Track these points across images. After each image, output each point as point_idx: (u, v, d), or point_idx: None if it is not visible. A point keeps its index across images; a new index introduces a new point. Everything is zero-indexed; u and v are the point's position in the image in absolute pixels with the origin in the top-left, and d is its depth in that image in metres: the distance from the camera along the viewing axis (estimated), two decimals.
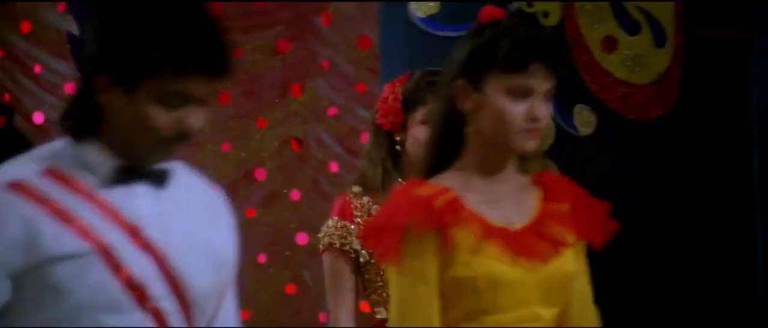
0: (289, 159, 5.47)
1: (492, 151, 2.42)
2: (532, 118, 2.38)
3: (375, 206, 3.09)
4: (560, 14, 4.06)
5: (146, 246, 2.06)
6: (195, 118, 2.05)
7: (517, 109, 2.37)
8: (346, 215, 3.14)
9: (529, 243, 2.38)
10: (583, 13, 4.06)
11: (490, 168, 2.42)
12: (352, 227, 3.11)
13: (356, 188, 3.15)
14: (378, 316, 3.16)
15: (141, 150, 2.07)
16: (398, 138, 3.12)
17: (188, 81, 2.04)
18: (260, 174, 5.41)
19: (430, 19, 4.12)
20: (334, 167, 5.45)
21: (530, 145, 2.39)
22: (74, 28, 5.37)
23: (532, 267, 2.36)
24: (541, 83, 2.39)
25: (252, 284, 5.19)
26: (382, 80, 4.17)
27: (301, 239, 5.42)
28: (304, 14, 5.36)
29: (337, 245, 3.12)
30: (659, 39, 4.10)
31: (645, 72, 4.07)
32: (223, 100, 5.13)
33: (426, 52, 4.09)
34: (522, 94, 2.37)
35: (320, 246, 3.15)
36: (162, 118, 2.04)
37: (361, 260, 3.12)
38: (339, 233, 3.13)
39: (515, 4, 4.08)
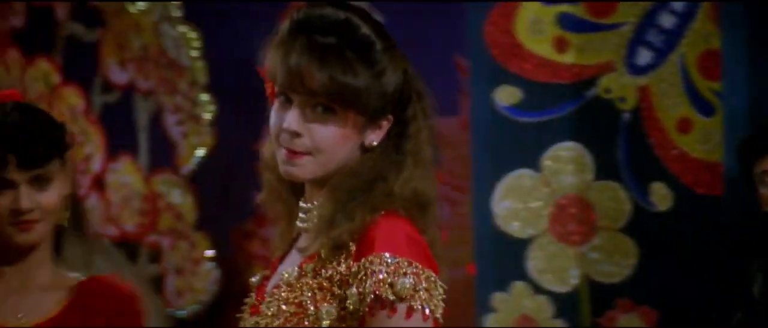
0: None
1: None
2: (15, 210, 2.15)
3: None
4: (636, 98, 3.93)
5: None
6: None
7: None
8: None
9: None
10: (658, 97, 3.91)
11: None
12: None
13: None
14: None
15: None
16: None
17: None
18: None
19: (513, 107, 4.07)
20: None
21: (21, 238, 2.16)
22: None
23: None
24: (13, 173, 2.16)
25: None
26: (474, 169, 4.16)
27: None
28: None
29: None
30: None
31: (717, 151, 3.87)
32: None
33: (512, 138, 4.06)
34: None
35: None
36: None
37: None
38: None
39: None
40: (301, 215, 1.77)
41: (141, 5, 6.46)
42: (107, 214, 5.16)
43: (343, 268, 1.68)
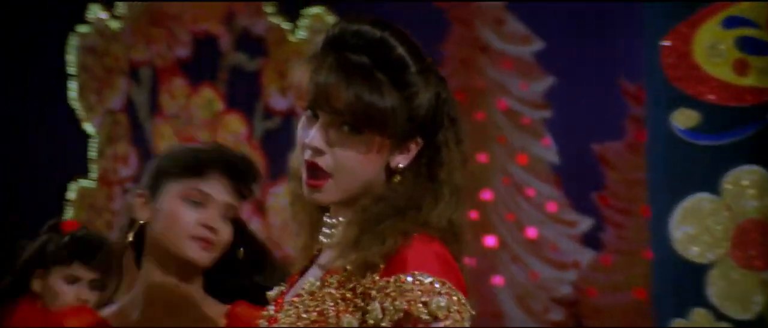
0: None
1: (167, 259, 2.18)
2: (207, 226, 2.15)
3: None
4: None
5: None
6: None
7: (190, 215, 2.15)
8: None
9: None
10: None
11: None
12: None
13: None
14: None
15: None
16: None
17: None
18: None
19: (691, 130, 3.97)
20: None
21: (197, 254, 2.15)
22: None
23: None
24: (219, 193, 2.15)
25: None
26: (652, 193, 4.07)
27: None
28: None
29: None
30: None
31: None
32: None
33: (690, 162, 3.95)
34: (197, 200, 2.17)
35: None
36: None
37: None
38: None
39: None
40: (324, 230, 1.73)
41: (301, 34, 6.53)
42: (268, 237, 5.20)
43: (367, 281, 1.62)
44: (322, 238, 1.73)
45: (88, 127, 6.87)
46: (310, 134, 1.67)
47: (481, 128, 5.89)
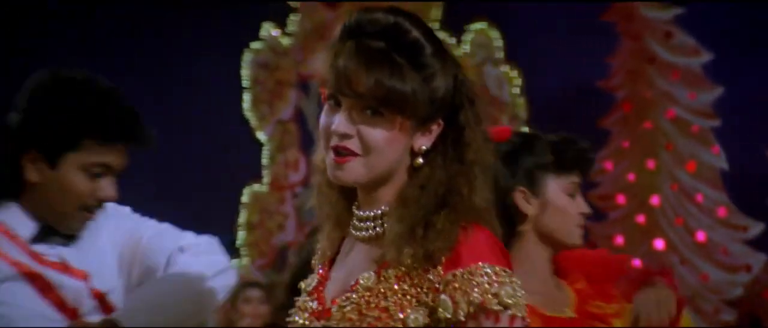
0: None
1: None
2: (583, 214, 2.30)
3: None
4: None
5: (73, 272, 2.18)
6: (110, 187, 2.20)
7: (573, 207, 2.31)
8: None
9: None
10: None
11: None
12: None
13: None
14: None
15: (64, 216, 2.20)
16: None
17: (108, 153, 2.18)
18: None
19: None
20: None
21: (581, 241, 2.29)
22: None
23: None
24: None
25: None
26: None
27: None
28: None
29: None
30: None
31: None
32: None
33: None
34: (573, 193, 2.33)
35: None
36: (84, 186, 2.17)
37: None
38: None
39: None
40: (358, 223, 1.74)
41: (465, 48, 6.76)
42: None
43: (432, 276, 1.66)
44: (355, 231, 1.74)
45: (261, 136, 7.17)
46: (334, 121, 1.69)
47: (649, 136, 6.06)
